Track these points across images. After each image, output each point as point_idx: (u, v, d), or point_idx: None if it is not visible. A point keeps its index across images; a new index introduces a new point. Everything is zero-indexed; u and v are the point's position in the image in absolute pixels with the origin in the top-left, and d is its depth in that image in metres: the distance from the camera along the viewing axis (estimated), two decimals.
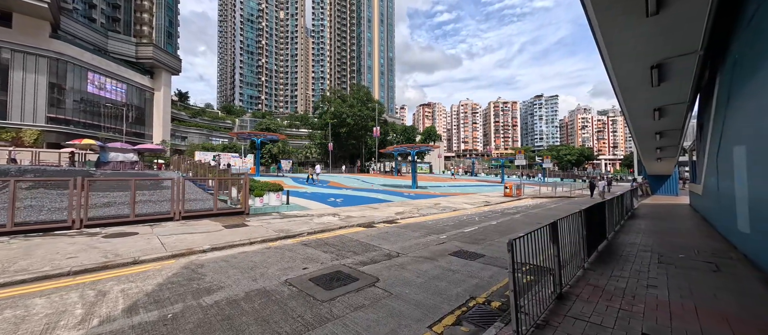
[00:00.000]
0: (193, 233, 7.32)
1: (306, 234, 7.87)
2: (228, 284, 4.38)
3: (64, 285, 4.22)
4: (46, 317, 3.32)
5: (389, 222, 10.07)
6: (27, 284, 4.23)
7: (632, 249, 6.48)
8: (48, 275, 4.48)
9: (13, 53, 43.60)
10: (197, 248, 6.06)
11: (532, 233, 3.32)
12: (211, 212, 9.59)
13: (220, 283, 4.40)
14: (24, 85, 44.34)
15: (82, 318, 3.31)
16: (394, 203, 15.29)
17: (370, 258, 5.90)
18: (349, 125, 60.86)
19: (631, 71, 6.93)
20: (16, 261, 4.99)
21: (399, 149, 24.49)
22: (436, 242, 7.36)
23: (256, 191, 11.21)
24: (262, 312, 3.50)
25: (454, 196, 19.91)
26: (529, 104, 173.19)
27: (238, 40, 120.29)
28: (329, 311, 3.58)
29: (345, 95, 70.35)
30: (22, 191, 10.76)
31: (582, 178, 62.09)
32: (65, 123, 48.17)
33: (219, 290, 4.15)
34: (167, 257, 5.56)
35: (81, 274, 4.64)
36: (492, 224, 10.20)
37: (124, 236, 6.85)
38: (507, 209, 14.63)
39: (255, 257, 5.81)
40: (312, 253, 6.17)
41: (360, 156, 67.33)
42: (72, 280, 4.43)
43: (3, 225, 6.54)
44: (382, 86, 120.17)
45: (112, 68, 55.77)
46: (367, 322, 3.33)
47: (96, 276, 4.59)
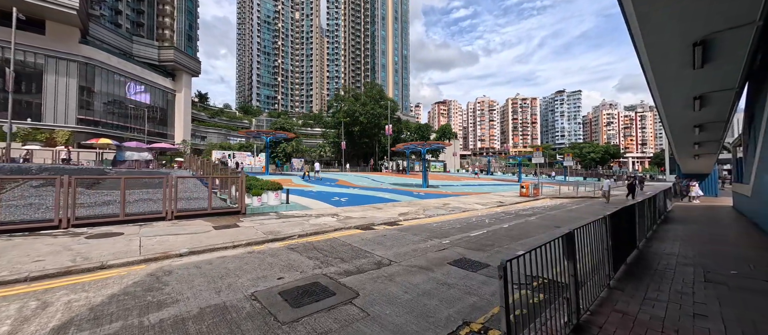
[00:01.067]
0: (178, 235, 6.95)
1: (297, 237, 7.34)
2: (186, 297, 3.86)
3: (12, 293, 3.85)
4: None
5: (390, 224, 9.38)
6: None
7: (669, 261, 5.46)
8: (3, 280, 4.14)
9: (47, 58, 46.12)
10: (174, 251, 5.64)
11: (539, 249, 2.55)
12: (205, 212, 9.28)
13: (178, 296, 3.89)
14: (56, 88, 46.86)
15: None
16: (401, 203, 14.57)
17: (357, 266, 5.26)
18: (362, 123, 60.47)
19: (669, 50, 5.86)
20: None
21: (409, 147, 23.69)
22: (436, 248, 6.61)
23: (254, 190, 10.84)
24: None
25: (467, 196, 18.92)
26: (549, 100, 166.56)
27: (255, 41, 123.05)
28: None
29: (358, 93, 70.03)
30: (30, 189, 10.94)
31: (607, 177, 58.70)
32: (94, 124, 50.56)
33: (172, 304, 3.63)
34: (138, 261, 5.16)
35: (38, 280, 4.28)
36: (503, 227, 9.28)
37: (107, 237, 6.57)
38: (522, 210, 13.56)
39: (232, 263, 5.30)
40: (295, 259, 5.60)
41: (373, 155, 66.88)
42: (24, 287, 4.06)
43: None
44: (396, 84, 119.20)
45: (136, 71, 58.12)
46: None
47: (52, 283, 4.21)
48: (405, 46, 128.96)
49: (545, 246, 2.62)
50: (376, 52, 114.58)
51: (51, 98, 45.95)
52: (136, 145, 24.93)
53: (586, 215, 12.45)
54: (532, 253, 2.42)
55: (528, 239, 7.68)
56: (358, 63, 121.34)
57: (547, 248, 2.67)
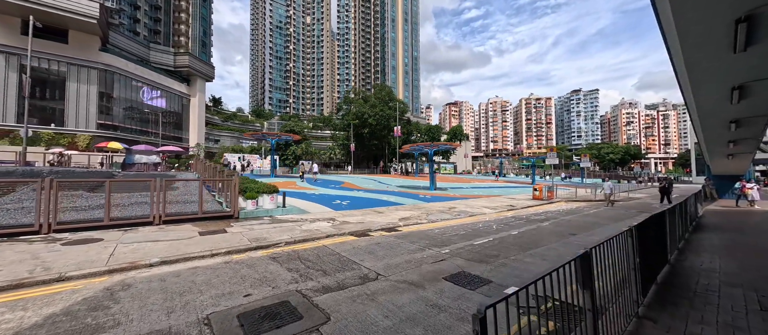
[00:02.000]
0: (158, 242, 6.55)
1: (283, 244, 6.81)
2: (130, 319, 3.35)
3: None
4: None
5: (388, 230, 8.73)
6: None
7: (710, 280, 4.58)
8: None
9: (69, 66, 48.00)
10: (143, 261, 5.19)
11: (541, 281, 1.86)
12: (195, 217, 8.91)
13: (123, 317, 3.39)
14: (78, 94, 48.69)
15: None
16: (404, 206, 13.89)
17: (339, 281, 4.65)
18: (371, 125, 60.09)
19: (705, 29, 4.99)
20: None
21: (416, 148, 22.99)
22: (433, 258, 5.91)
23: (249, 194, 10.43)
24: None
25: (475, 199, 18.02)
26: (565, 99, 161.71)
27: (267, 46, 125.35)
28: None
29: (368, 95, 69.82)
30: (31, 193, 10.92)
31: (628, 179, 55.82)
32: (113, 129, 52.23)
33: (108, 330, 3.12)
34: (101, 273, 4.73)
35: None
36: (512, 234, 8.46)
37: (84, 244, 6.23)
38: (534, 215, 12.61)
39: (202, 275, 4.80)
40: (273, 271, 5.05)
41: (383, 157, 66.39)
42: None
43: None
44: (407, 85, 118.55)
45: (153, 77, 59.87)
46: None
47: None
48: (415, 47, 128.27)
49: (551, 275, 1.93)
50: (386, 54, 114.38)
51: (73, 103, 47.76)
52: (145, 148, 25.32)
53: (604, 220, 11.40)
54: (530, 288, 1.73)
55: (538, 248, 6.87)
56: (368, 66, 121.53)
57: (554, 276, 1.97)
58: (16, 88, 43.16)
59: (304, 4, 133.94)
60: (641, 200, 19.99)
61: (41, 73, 46.06)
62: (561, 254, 6.41)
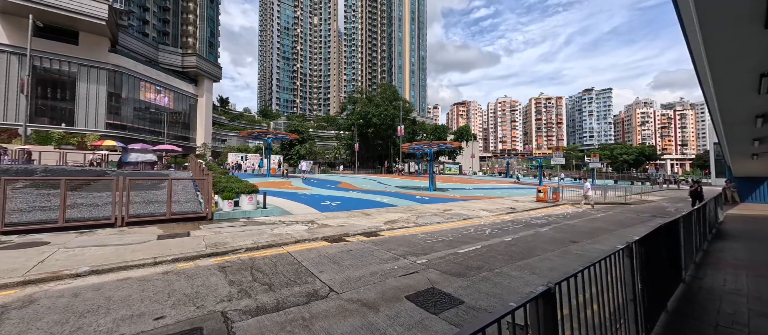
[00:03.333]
0: (105, 246, 5.98)
1: (243, 250, 6.15)
2: None
3: None
4: None
5: (368, 235, 8.00)
6: None
7: (735, 307, 3.68)
8: None
9: (79, 67, 48.91)
10: (70, 271, 4.60)
11: None
12: (162, 218, 8.36)
13: None
14: (87, 95, 49.55)
15: None
16: (396, 208, 13.12)
17: (280, 299, 3.94)
18: (376, 125, 59.47)
19: (728, 6, 4.08)
20: None
21: (415, 147, 22.17)
22: (404, 270, 5.15)
23: (226, 194, 9.86)
24: None
25: (475, 200, 17.10)
26: (576, 99, 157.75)
27: (275, 47, 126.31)
28: None
29: (372, 94, 69.23)
30: (32, 192, 10.61)
31: (642, 180, 53.49)
32: (121, 128, 53.02)
33: None
34: (14, 284, 4.15)
35: None
36: (505, 240, 7.60)
37: (24, 248, 5.71)
38: (535, 218, 11.66)
39: (125, 289, 4.16)
40: (212, 284, 4.38)
41: (388, 157, 65.70)
42: None
43: None
44: (414, 85, 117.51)
45: (161, 78, 60.66)
46: None
47: None
48: (422, 47, 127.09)
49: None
50: (393, 53, 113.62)
51: (83, 104, 48.62)
52: (141, 147, 25.26)
53: (612, 225, 10.38)
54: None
55: (530, 258, 6.01)
56: (375, 65, 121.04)
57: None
58: (28, 89, 44.11)
59: (312, 5, 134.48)
60: (655, 204, 18.68)
61: (53, 74, 47.03)
62: (554, 266, 5.55)
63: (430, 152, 21.20)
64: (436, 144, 21.27)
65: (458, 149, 74.19)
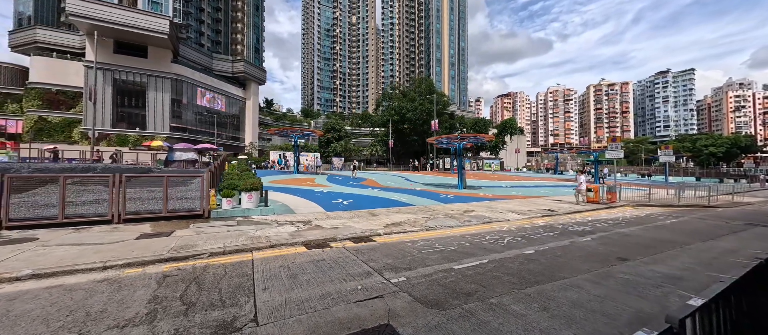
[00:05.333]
0: (81, 245, 5.84)
1: (207, 255, 5.55)
2: None
3: None
4: None
5: (358, 240, 6.96)
6: None
7: None
8: None
9: (149, 77, 55.57)
10: (12, 274, 4.35)
11: None
12: (158, 215, 8.31)
13: None
14: (155, 102, 56.15)
15: None
16: (411, 208, 11.85)
17: (179, 330, 3.11)
18: (410, 120, 57.91)
19: None
20: None
21: (442, 141, 20.42)
22: (368, 292, 4.01)
23: (225, 191, 9.61)
24: None
25: (508, 200, 14.99)
26: (647, 83, 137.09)
27: (316, 49, 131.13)
28: None
29: (407, 89, 67.63)
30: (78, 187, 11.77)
31: (735, 177, 43.83)
32: (182, 131, 59.21)
33: None
34: None
35: None
36: (523, 253, 5.97)
37: (13, 244, 5.82)
38: (578, 223, 9.50)
39: (34, 302, 3.71)
40: (130, 301, 3.74)
41: (424, 153, 63.80)
42: None
43: None
44: (453, 78, 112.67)
45: (215, 84, 66.45)
46: None
47: None
48: (462, 38, 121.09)
49: None
50: (431, 46, 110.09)
51: (152, 109, 55.22)
52: (183, 146, 27.39)
53: (686, 236, 7.87)
54: None
55: (549, 284, 4.42)
56: (412, 60, 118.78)
57: None
58: (113, 99, 51.45)
59: (350, 5, 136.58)
60: (754, 207, 14.55)
61: (128, 85, 53.98)
62: (581, 299, 3.92)
63: (459, 147, 19.31)
64: (465, 138, 19.30)
65: (501, 144, 69.11)
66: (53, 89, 50.33)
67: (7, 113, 52.55)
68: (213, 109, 65.39)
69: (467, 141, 20.10)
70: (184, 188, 9.46)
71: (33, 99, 49.74)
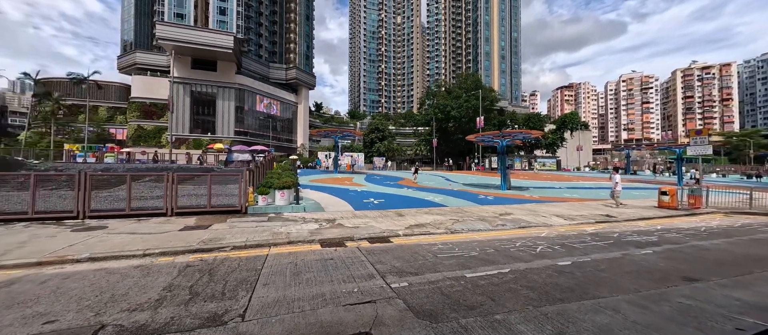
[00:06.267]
0: (135, 234, 6.78)
1: (229, 248, 5.96)
2: None
3: None
4: None
5: (375, 240, 6.81)
6: None
7: None
8: None
9: (217, 88, 62.94)
10: (75, 256, 5.19)
11: None
12: (203, 210, 9.26)
13: None
14: (222, 109, 63.36)
15: None
16: (442, 209, 11.31)
17: (174, 318, 3.31)
18: (455, 118, 55.88)
19: None
20: None
21: (483, 138, 19.09)
22: (361, 296, 3.84)
23: (260, 189, 10.31)
24: None
25: (557, 203, 13.40)
26: (757, 64, 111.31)
27: (362, 51, 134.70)
28: None
29: (452, 87, 65.33)
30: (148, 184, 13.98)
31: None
32: (244, 134, 65.83)
33: None
34: (27, 264, 4.90)
35: None
36: (556, 264, 5.18)
37: (87, 231, 7.02)
38: (638, 232, 7.99)
39: (81, 282, 4.33)
40: (151, 286, 4.15)
41: (470, 152, 61.09)
42: None
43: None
44: (503, 71, 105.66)
45: (271, 91, 72.56)
46: None
47: None
48: (514, 28, 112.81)
49: None
50: (479, 40, 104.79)
51: (220, 116, 62.53)
52: (239, 148, 30.36)
53: None
54: None
55: (577, 303, 3.71)
56: (459, 55, 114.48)
57: None
58: (190, 108, 59.58)
59: (395, 5, 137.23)
60: None
61: (202, 96, 61.77)
62: (607, 326, 3.18)
63: (503, 145, 17.91)
64: (509, 134, 17.80)
65: (558, 141, 62.68)
66: (148, 102, 60.00)
67: (116, 123, 64.14)
68: (269, 114, 71.43)
69: (512, 138, 18.52)
70: (224, 186, 10.43)
71: (134, 111, 60.09)
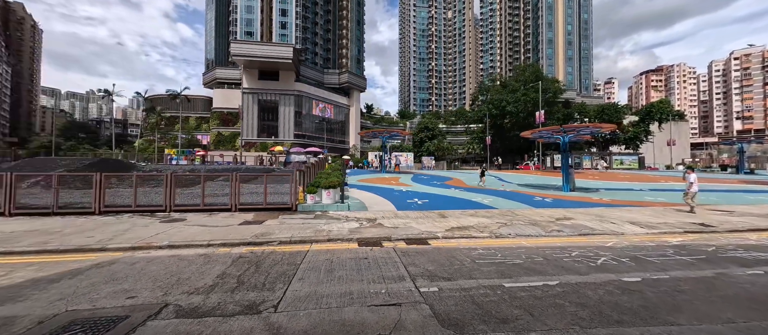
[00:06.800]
0: (204, 226, 7.84)
1: (276, 243, 6.48)
2: (35, 299, 3.87)
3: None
4: None
5: (412, 241, 6.71)
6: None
7: None
8: None
9: (279, 96, 69.12)
10: (158, 243, 6.22)
11: None
12: (260, 207, 10.26)
13: (34, 297, 3.98)
14: (284, 115, 69.35)
15: None
16: (489, 212, 10.60)
17: (221, 303, 3.72)
18: (512, 113, 51.99)
19: None
20: None
21: (542, 135, 17.25)
22: (387, 299, 3.81)
23: (309, 188, 11.00)
24: None
25: (636, 207, 11.47)
26: None
27: (411, 51, 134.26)
28: None
29: (508, 80, 60.85)
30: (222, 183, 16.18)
31: None
32: (302, 137, 71.11)
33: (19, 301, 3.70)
34: (124, 248, 6.03)
35: None
36: (619, 280, 4.41)
37: (169, 222, 8.36)
38: (747, 247, 6.35)
39: (158, 266, 5.15)
40: (208, 273, 4.75)
41: (531, 149, 56.25)
42: None
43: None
44: (570, 59, 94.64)
45: (325, 95, 77.08)
46: None
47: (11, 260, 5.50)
48: (584, 8, 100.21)
49: None
50: (540, 26, 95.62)
51: (281, 121, 68.64)
52: (296, 150, 32.79)
53: None
54: None
55: (644, 328, 3.10)
56: (517, 45, 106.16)
57: None
58: (257, 115, 66.65)
59: (445, 1, 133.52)
60: None
61: (267, 103, 68.46)
62: None
63: (565, 141, 16.03)
64: (573, 129, 15.84)
65: (642, 134, 53.73)
66: (225, 111, 68.75)
67: (202, 130, 75.02)
68: (324, 117, 75.87)
69: (577, 133, 16.44)
70: (281, 186, 11.39)
71: (214, 119, 69.47)
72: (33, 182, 11.34)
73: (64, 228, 7.55)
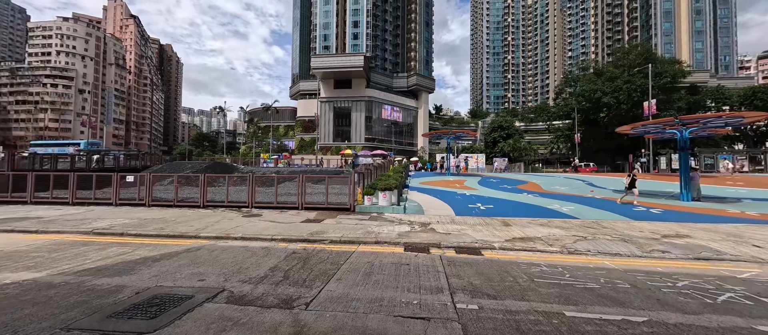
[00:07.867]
0: (273, 222, 8.81)
1: (327, 242, 6.82)
2: (134, 277, 4.90)
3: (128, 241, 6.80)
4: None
5: (464, 250, 6.17)
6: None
7: None
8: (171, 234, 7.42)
9: (351, 102, 73.65)
10: (233, 235, 7.24)
11: None
12: (322, 206, 11.00)
13: (130, 274, 5.04)
14: (355, 120, 73.58)
15: None
16: (567, 222, 9.01)
17: (264, 295, 4.05)
18: (609, 105, 43.74)
19: None
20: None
21: (647, 129, 13.72)
22: (418, 311, 3.53)
23: (366, 190, 11.29)
24: None
25: None
26: None
27: (484, 45, 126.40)
28: None
29: (603, 67, 51.36)
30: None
31: None
32: (372, 141, 74.19)
33: (126, 274, 4.78)
34: (206, 237, 7.20)
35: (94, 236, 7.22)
36: (749, 327, 3.13)
37: (251, 217, 9.69)
38: None
39: (230, 254, 5.96)
40: (264, 265, 5.28)
41: (638, 147, 46.41)
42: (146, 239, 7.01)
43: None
44: (699, 32, 74.63)
45: (394, 98, 78.91)
46: None
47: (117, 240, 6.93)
48: None
49: None
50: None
51: (353, 126, 73.00)
52: (364, 153, 34.17)
53: None
54: None
55: None
56: (618, 25, 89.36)
57: None
58: (332, 121, 72.48)
59: None
60: None
61: (341, 110, 73.77)
62: None
63: (683, 136, 12.56)
64: (693, 120, 12.28)
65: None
66: (306, 119, 76.73)
67: (288, 137, 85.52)
68: (393, 120, 77.70)
69: (702, 126, 12.69)
70: (344, 187, 12.05)
71: (298, 127, 78.30)
72: (168, 182, 14.74)
73: (177, 218, 9.52)
